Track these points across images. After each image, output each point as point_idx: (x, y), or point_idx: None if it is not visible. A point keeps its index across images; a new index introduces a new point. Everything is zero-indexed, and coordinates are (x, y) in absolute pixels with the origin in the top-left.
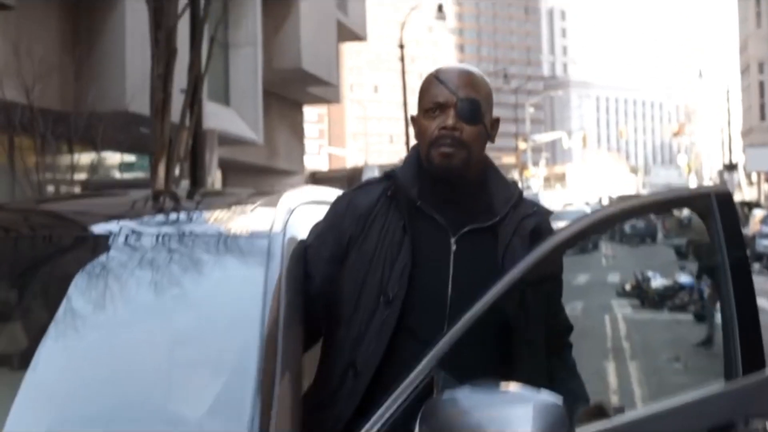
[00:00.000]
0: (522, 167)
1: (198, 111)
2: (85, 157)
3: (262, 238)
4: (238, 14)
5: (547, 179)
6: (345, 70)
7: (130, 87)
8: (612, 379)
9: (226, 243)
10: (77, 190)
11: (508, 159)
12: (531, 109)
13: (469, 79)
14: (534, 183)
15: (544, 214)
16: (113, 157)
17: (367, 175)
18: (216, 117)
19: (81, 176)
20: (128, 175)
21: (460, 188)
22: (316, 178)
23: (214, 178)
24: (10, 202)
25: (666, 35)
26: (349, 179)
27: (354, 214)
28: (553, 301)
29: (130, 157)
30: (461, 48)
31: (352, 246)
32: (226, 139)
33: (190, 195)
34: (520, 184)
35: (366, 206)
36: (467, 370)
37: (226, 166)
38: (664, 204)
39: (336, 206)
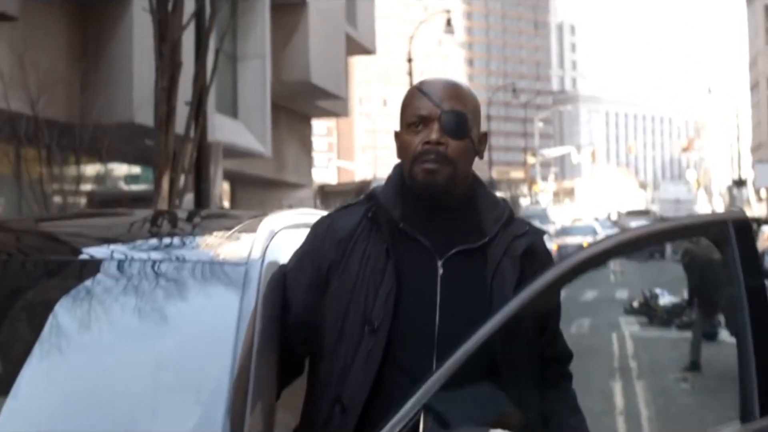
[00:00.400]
0: (531, 182)
1: (203, 123)
2: (91, 169)
3: (239, 265)
4: (247, 26)
5: (556, 194)
6: (354, 83)
7: (137, 98)
8: (618, 399)
9: (202, 270)
10: (83, 201)
11: (516, 173)
12: (540, 124)
13: (454, 91)
14: (543, 198)
15: (538, 234)
16: (119, 169)
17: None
18: (224, 129)
19: (87, 188)
20: (135, 187)
21: (445, 207)
22: (325, 192)
23: (220, 190)
24: (4, 220)
25: (675, 51)
26: (357, 192)
27: (334, 239)
28: (550, 327)
29: (135, 169)
30: (470, 62)
31: (333, 272)
32: (233, 152)
33: (189, 217)
34: (528, 199)
35: (347, 230)
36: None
37: (233, 179)
38: (677, 231)
39: (315, 230)
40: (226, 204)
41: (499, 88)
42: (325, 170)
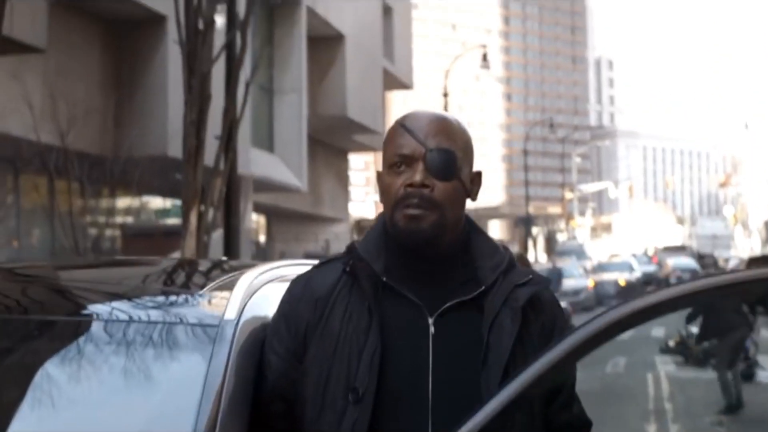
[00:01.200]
0: (568, 217)
1: (232, 157)
2: (123, 202)
3: (210, 327)
4: (283, 60)
5: (593, 229)
6: (391, 118)
7: (170, 130)
8: None
9: (169, 332)
10: (116, 234)
11: (554, 209)
12: (578, 159)
13: (441, 126)
14: (580, 233)
15: (543, 283)
16: (152, 202)
17: None
18: (260, 163)
19: (120, 221)
20: (168, 221)
21: (434, 257)
22: (362, 226)
23: (251, 225)
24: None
25: (713, 86)
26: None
27: (311, 298)
28: (565, 391)
29: (167, 203)
30: (508, 97)
31: (311, 336)
32: (269, 186)
33: (172, 269)
34: (565, 235)
35: (325, 287)
36: None
37: (270, 213)
38: (716, 290)
39: (291, 290)
40: (262, 238)
41: (537, 123)
42: (362, 204)
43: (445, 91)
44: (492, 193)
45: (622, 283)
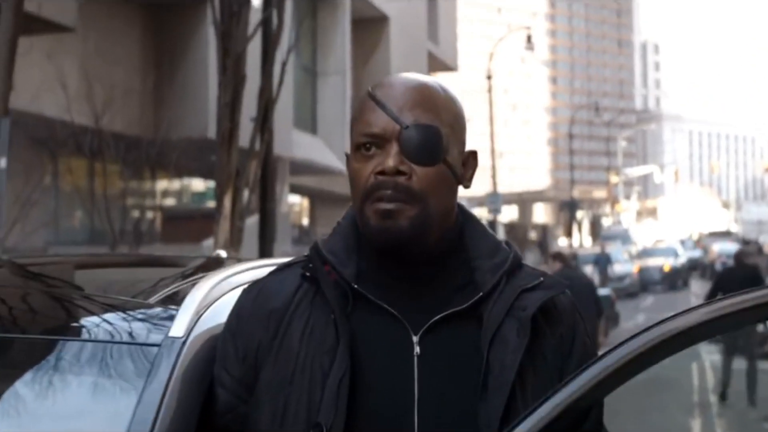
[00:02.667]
0: (613, 201)
1: (268, 138)
2: (161, 185)
3: (150, 346)
4: (327, 42)
5: (638, 214)
6: None
7: (211, 113)
8: None
9: (103, 352)
10: (157, 217)
11: (599, 193)
12: (623, 143)
13: (420, 95)
14: (625, 217)
15: (558, 288)
16: (190, 184)
17: None
18: (302, 146)
19: (156, 203)
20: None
21: (418, 260)
22: None
23: (287, 208)
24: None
25: (759, 71)
26: None
27: (263, 311)
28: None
29: (205, 185)
30: (554, 80)
31: (263, 357)
32: (312, 169)
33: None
34: (610, 219)
35: (281, 298)
36: None
37: (313, 196)
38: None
39: (240, 303)
40: (305, 221)
41: (582, 107)
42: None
43: (489, 73)
44: (537, 177)
45: (666, 268)
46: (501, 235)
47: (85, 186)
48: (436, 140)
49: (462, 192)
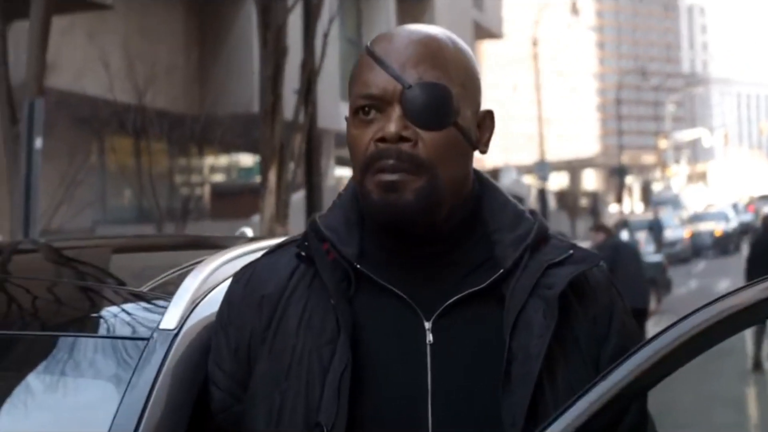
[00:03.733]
0: (663, 166)
1: (312, 111)
2: (209, 161)
3: (138, 340)
4: (372, 14)
5: (688, 178)
6: (484, 69)
7: (255, 87)
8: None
9: (87, 347)
10: (206, 193)
11: (648, 158)
12: (671, 107)
13: (426, 49)
14: (675, 182)
15: (590, 261)
16: (241, 159)
17: (504, 178)
18: None
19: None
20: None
21: (428, 236)
22: None
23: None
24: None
25: None
26: None
27: (254, 298)
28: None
29: (251, 160)
30: (601, 46)
31: (256, 348)
32: None
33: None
34: (661, 184)
35: (275, 282)
36: None
37: None
38: None
39: (231, 289)
40: None
41: (630, 72)
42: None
43: (534, 40)
44: (586, 144)
45: (718, 233)
46: (552, 203)
47: (131, 164)
48: (445, 100)
49: (510, 160)
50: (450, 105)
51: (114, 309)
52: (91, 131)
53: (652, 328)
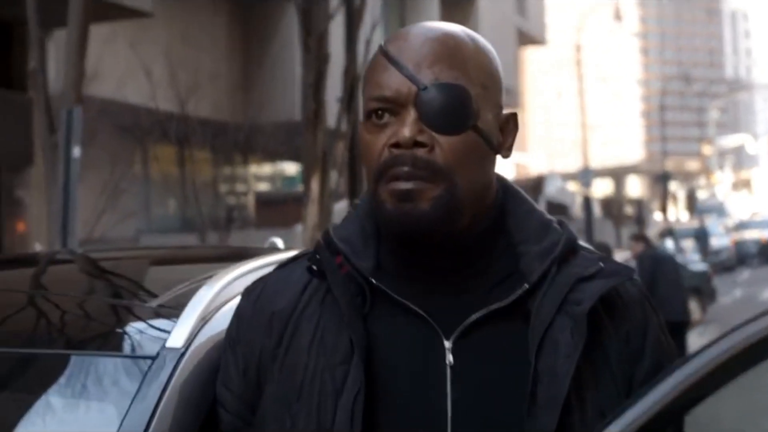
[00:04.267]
0: (708, 173)
1: (355, 119)
2: (253, 169)
3: (142, 359)
4: (417, 19)
5: (733, 185)
6: (527, 75)
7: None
8: None
9: (90, 366)
10: (250, 202)
11: (692, 164)
12: (715, 113)
13: (443, 47)
14: (719, 189)
15: (623, 274)
16: (285, 168)
17: (549, 186)
18: None
19: (248, 187)
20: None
21: (448, 248)
22: None
23: None
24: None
25: None
26: (532, 189)
27: (265, 315)
28: None
29: (295, 169)
30: (645, 51)
31: (266, 368)
32: None
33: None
34: (705, 192)
35: (286, 298)
36: None
37: None
38: None
39: (240, 305)
40: None
41: (673, 78)
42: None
43: (577, 46)
44: (630, 150)
45: (764, 241)
46: (597, 211)
47: (175, 173)
48: (463, 102)
49: (553, 167)
50: (469, 107)
51: (121, 325)
52: (133, 140)
53: (695, 338)
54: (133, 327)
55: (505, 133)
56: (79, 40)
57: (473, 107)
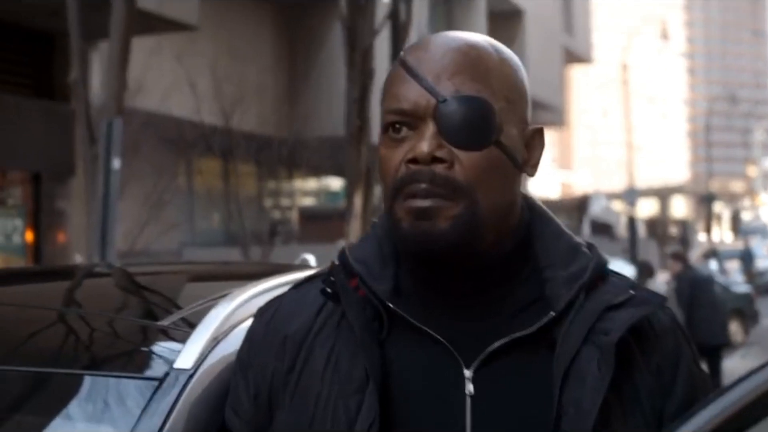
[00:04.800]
0: (752, 194)
1: None
2: (297, 184)
3: (149, 380)
4: None
5: None
6: (574, 93)
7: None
8: None
9: (94, 387)
10: (294, 217)
11: (737, 185)
12: (760, 134)
13: (464, 57)
14: (764, 211)
15: (655, 302)
16: (330, 183)
17: (594, 205)
18: None
19: (292, 202)
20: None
21: (469, 271)
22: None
23: None
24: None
25: None
26: (577, 209)
27: (277, 338)
28: None
29: (339, 184)
30: (692, 72)
31: (278, 396)
32: None
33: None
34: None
35: (300, 321)
36: None
37: None
38: None
39: (252, 327)
40: None
41: (718, 98)
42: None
43: (624, 65)
44: (676, 171)
45: None
46: (641, 231)
47: (219, 186)
48: (485, 116)
49: (599, 186)
50: (491, 121)
51: (131, 345)
52: (177, 152)
53: (738, 361)
54: (143, 346)
55: (530, 149)
56: (121, 53)
57: (496, 121)
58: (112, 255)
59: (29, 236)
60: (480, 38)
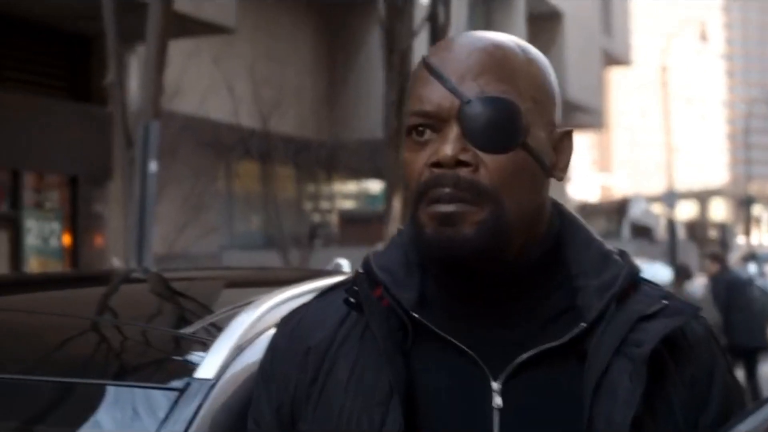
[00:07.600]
0: None
1: None
2: (337, 187)
3: (169, 390)
4: None
5: None
6: (613, 96)
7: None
8: None
9: (113, 397)
10: (334, 220)
11: None
12: None
13: (490, 57)
14: None
15: (688, 312)
16: (373, 186)
17: (633, 208)
18: None
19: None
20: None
21: (497, 279)
22: (587, 211)
23: None
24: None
25: None
26: (617, 212)
27: (300, 348)
28: None
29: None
30: (731, 73)
31: (300, 407)
32: None
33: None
34: None
35: (324, 330)
36: None
37: None
38: None
39: (275, 337)
40: None
41: (758, 100)
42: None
43: (663, 67)
44: (715, 172)
45: None
46: (681, 234)
47: (258, 189)
48: (511, 118)
49: (638, 189)
50: (517, 123)
51: (153, 354)
52: (215, 156)
53: None
54: (168, 356)
55: (559, 152)
56: (158, 55)
57: (522, 123)
58: (149, 258)
59: (66, 240)
60: (506, 38)
